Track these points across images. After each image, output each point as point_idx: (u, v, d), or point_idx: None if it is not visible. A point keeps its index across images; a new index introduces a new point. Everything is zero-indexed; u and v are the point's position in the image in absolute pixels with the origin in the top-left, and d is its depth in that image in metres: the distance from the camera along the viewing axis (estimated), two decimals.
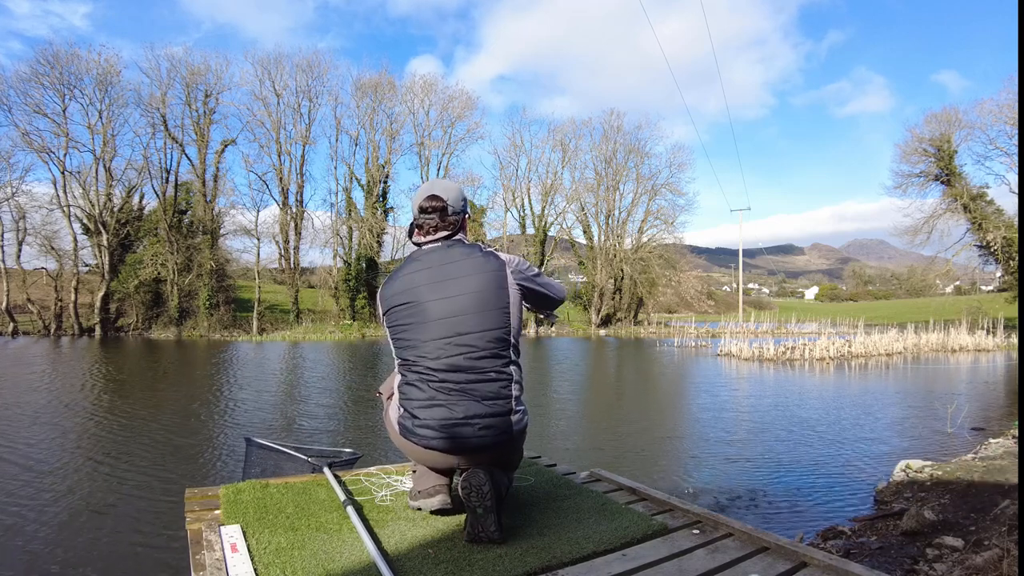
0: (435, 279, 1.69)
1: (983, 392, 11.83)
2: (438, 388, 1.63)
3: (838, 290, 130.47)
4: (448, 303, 1.66)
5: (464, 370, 1.64)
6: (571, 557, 1.50)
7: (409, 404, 1.67)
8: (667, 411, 9.71)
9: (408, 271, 1.74)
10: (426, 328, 1.66)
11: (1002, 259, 30.21)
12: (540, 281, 1.82)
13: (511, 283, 1.73)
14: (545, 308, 1.89)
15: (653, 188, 38.15)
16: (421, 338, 1.66)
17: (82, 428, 7.35)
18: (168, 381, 12.76)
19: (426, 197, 1.77)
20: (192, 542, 1.56)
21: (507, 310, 1.70)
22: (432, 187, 1.80)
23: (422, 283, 1.69)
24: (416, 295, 1.68)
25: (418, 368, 1.66)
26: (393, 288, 1.73)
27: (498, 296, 1.69)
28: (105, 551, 3.72)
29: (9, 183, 26.80)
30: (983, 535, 3.38)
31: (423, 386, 1.65)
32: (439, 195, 1.77)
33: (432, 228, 1.77)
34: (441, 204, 1.76)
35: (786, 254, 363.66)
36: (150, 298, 28.19)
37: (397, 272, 1.77)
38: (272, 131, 31.26)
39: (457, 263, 1.71)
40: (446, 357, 1.64)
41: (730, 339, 22.47)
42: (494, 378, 1.65)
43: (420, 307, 1.67)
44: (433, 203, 1.76)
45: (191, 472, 5.54)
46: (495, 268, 1.71)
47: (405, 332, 1.69)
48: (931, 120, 31.93)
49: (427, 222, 1.76)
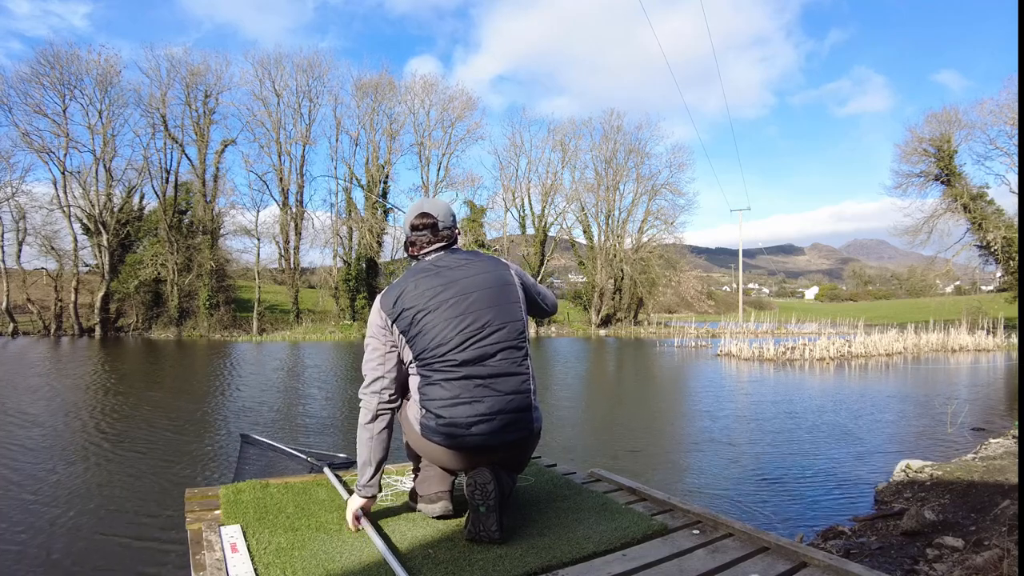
0: (445, 280, 1.71)
1: (983, 392, 11.83)
2: (462, 386, 1.64)
3: (838, 290, 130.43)
4: (463, 300, 1.68)
5: (486, 365, 1.66)
6: (571, 557, 1.50)
7: (431, 404, 1.66)
8: (667, 411, 9.71)
9: (414, 276, 1.75)
10: (445, 326, 1.66)
11: (1002, 259, 30.19)
12: (538, 288, 1.91)
13: (517, 282, 1.79)
14: (537, 316, 1.96)
15: (653, 188, 38.16)
16: (440, 336, 1.66)
17: (81, 428, 7.34)
18: (168, 381, 12.75)
19: (416, 215, 1.83)
20: (192, 542, 1.56)
21: (519, 304, 1.76)
22: (421, 205, 1.86)
23: (433, 284, 1.71)
24: (430, 295, 1.69)
25: (438, 367, 1.65)
26: (397, 294, 1.72)
27: (509, 292, 1.75)
28: (105, 551, 3.72)
29: (9, 183, 26.84)
30: (983, 535, 3.38)
31: (447, 385, 1.64)
32: (428, 212, 1.83)
33: (426, 243, 1.82)
34: (431, 221, 1.81)
35: (786, 254, 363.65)
36: (150, 298, 28.18)
37: (400, 281, 1.77)
38: (272, 131, 31.29)
39: (464, 265, 1.75)
40: (468, 350, 1.65)
41: (730, 339, 22.45)
42: (515, 372, 1.69)
43: (436, 304, 1.68)
44: (424, 220, 1.81)
45: (191, 472, 5.54)
46: (502, 267, 1.80)
47: (422, 333, 1.68)
48: (931, 120, 31.92)
49: (420, 238, 1.82)
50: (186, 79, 29.08)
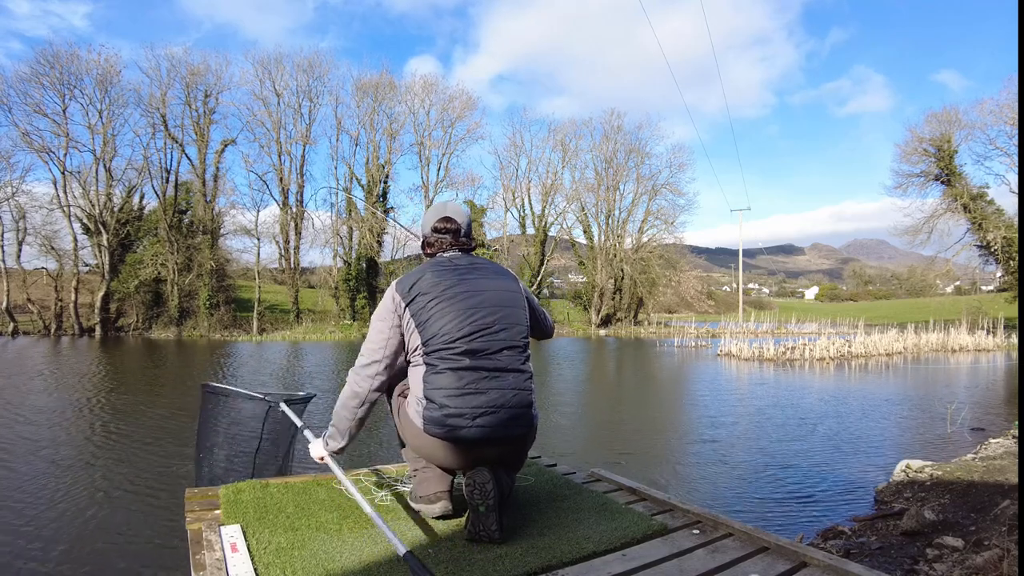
0: (461, 276, 1.77)
1: (983, 392, 11.83)
2: (468, 377, 1.66)
3: (838, 290, 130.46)
4: (476, 296, 1.73)
5: (492, 359, 1.69)
6: (571, 557, 1.50)
7: (436, 394, 1.66)
8: (667, 411, 9.71)
9: (431, 268, 1.79)
10: (456, 315, 1.69)
11: (1002, 259, 30.20)
12: (540, 308, 2.00)
13: (523, 295, 1.88)
14: (534, 335, 1.99)
15: (653, 188, 38.17)
16: (451, 324, 1.68)
17: (81, 428, 7.34)
18: (168, 381, 12.76)
19: (440, 219, 1.88)
20: (192, 542, 1.56)
21: (525, 311, 1.83)
22: (445, 209, 1.91)
23: (449, 277, 1.75)
24: (445, 285, 1.73)
25: (445, 355, 1.67)
26: (414, 280, 1.76)
27: (517, 299, 1.82)
28: (104, 551, 3.72)
29: (9, 183, 26.80)
30: (983, 535, 3.38)
31: (453, 375, 1.66)
32: (453, 217, 1.88)
33: (446, 246, 1.87)
34: (455, 226, 1.87)
35: (786, 254, 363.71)
36: (150, 298, 28.18)
37: (417, 270, 1.82)
38: (272, 131, 31.30)
39: (479, 267, 1.82)
40: (476, 342, 1.68)
41: (730, 339, 22.44)
42: (519, 369, 1.73)
43: (451, 295, 1.72)
44: (447, 224, 1.87)
45: (191, 472, 5.53)
46: (512, 278, 1.89)
47: (433, 319, 1.70)
48: (931, 120, 31.95)
49: (441, 240, 1.87)
50: (186, 79, 29.10)
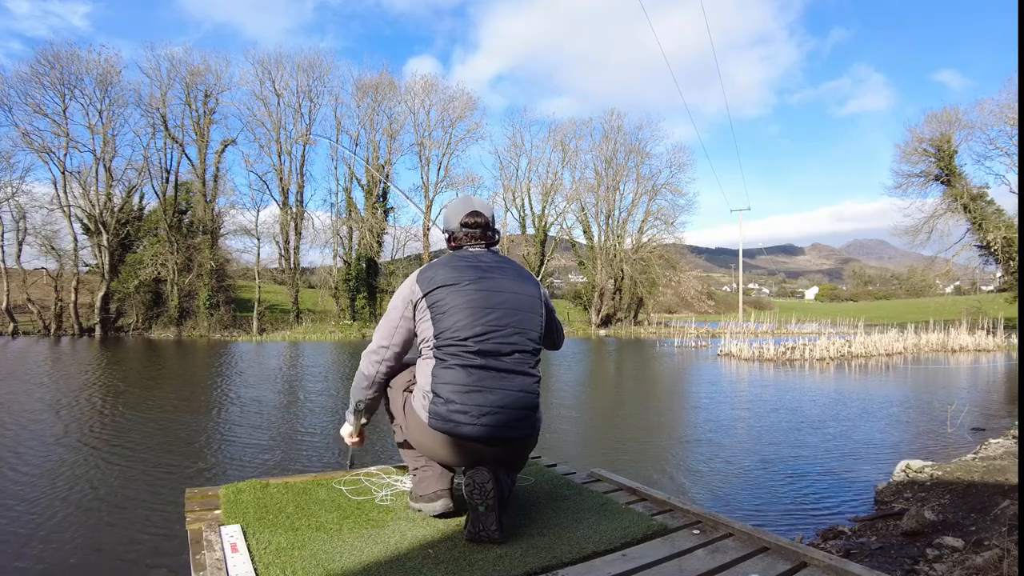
0: (482, 272, 1.76)
1: (983, 392, 11.83)
2: (478, 375, 1.66)
3: (838, 290, 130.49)
4: (494, 296, 1.72)
5: (502, 360, 1.69)
6: (571, 557, 1.50)
7: (445, 388, 1.66)
8: (667, 411, 9.71)
9: (454, 261, 1.79)
10: (471, 312, 1.68)
11: (1002, 259, 30.20)
12: (557, 320, 2.00)
13: (543, 302, 1.86)
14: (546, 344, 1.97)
15: (653, 188, 38.19)
16: (465, 321, 1.67)
17: (81, 428, 7.34)
18: (168, 381, 12.75)
19: (468, 213, 1.87)
20: (192, 542, 1.56)
21: (540, 318, 1.82)
22: (472, 203, 1.91)
23: (470, 273, 1.74)
24: (465, 280, 1.72)
25: (456, 351, 1.67)
26: (435, 272, 1.76)
27: (535, 305, 1.81)
28: (104, 551, 3.72)
29: (9, 183, 26.78)
30: (983, 535, 3.38)
31: (463, 371, 1.66)
32: (481, 212, 1.88)
33: (473, 240, 1.87)
34: (484, 221, 1.87)
35: (786, 254, 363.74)
36: (150, 298, 28.14)
37: (439, 261, 1.81)
38: (272, 131, 31.29)
39: (502, 267, 1.81)
40: (488, 342, 1.67)
41: (730, 339, 22.44)
42: (528, 372, 1.73)
43: (469, 291, 1.70)
44: (476, 219, 1.86)
45: (191, 472, 5.54)
46: (534, 283, 1.86)
47: (448, 312, 1.69)
48: (931, 120, 31.97)
49: (469, 234, 1.86)
50: (186, 79, 29.08)
